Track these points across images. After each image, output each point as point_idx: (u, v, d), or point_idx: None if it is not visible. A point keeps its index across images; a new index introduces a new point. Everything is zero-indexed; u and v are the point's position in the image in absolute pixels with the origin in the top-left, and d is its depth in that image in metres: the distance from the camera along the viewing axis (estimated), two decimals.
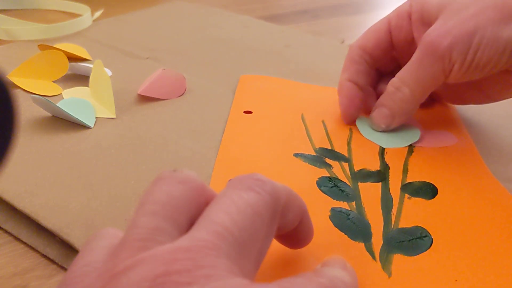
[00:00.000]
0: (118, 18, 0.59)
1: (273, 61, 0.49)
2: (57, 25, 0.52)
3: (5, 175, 0.29)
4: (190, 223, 0.18)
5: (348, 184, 0.30)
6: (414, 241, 0.26)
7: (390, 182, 0.31)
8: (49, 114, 0.36)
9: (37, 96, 0.35)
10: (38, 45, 0.46)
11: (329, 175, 0.31)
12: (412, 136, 0.35)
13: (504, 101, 0.45)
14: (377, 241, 0.26)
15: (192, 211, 0.18)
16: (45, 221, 0.26)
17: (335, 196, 0.29)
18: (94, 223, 0.26)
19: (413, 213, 0.28)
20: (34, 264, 0.25)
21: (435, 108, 0.41)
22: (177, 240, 0.16)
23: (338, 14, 0.70)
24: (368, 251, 0.25)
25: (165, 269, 0.15)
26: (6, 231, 0.27)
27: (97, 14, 0.59)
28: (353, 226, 0.27)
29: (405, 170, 0.32)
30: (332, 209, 0.28)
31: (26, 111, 0.36)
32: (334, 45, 0.55)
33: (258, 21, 0.62)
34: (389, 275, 0.24)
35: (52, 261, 0.25)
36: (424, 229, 0.27)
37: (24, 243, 0.26)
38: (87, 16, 0.56)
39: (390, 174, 0.31)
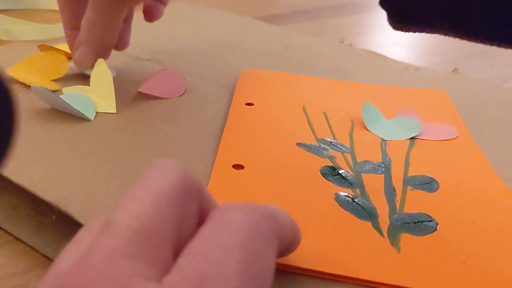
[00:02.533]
0: None
1: (272, 62, 0.49)
2: (57, 25, 0.52)
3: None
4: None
5: (352, 174, 0.30)
6: (419, 223, 0.26)
7: (392, 174, 0.31)
8: (49, 107, 0.36)
9: (38, 86, 0.35)
10: (38, 45, 0.46)
11: (332, 165, 0.31)
12: (413, 129, 0.36)
13: (504, 101, 0.45)
14: (384, 221, 0.26)
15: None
16: (43, 194, 0.26)
17: (339, 183, 0.29)
18: (94, 196, 0.26)
19: (416, 202, 0.28)
20: (34, 264, 0.25)
21: (436, 102, 0.41)
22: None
23: (338, 14, 0.70)
24: (375, 229, 0.26)
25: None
26: (6, 231, 0.27)
27: None
28: (359, 208, 0.27)
29: (407, 163, 0.32)
30: (337, 193, 0.28)
31: (25, 103, 0.36)
32: (334, 45, 0.55)
33: (258, 22, 0.62)
34: (398, 250, 0.24)
35: (52, 261, 0.25)
36: (429, 215, 0.27)
37: (24, 243, 0.26)
38: None
39: (392, 166, 0.32)
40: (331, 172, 0.30)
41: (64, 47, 0.47)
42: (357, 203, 0.27)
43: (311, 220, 0.26)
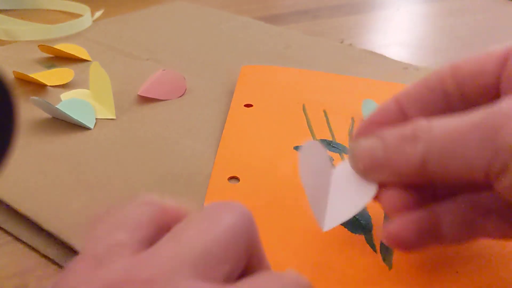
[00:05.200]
0: (118, 19, 0.59)
1: (273, 62, 0.49)
2: (57, 25, 0.52)
3: (5, 177, 0.29)
4: (151, 242, 0.17)
5: None
6: None
7: None
8: (49, 116, 0.36)
9: (37, 98, 0.35)
10: (38, 45, 0.46)
11: None
12: None
13: None
14: (378, 232, 0.26)
15: (153, 229, 0.18)
16: (45, 224, 0.26)
17: None
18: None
19: None
20: (34, 264, 0.25)
21: None
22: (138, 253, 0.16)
23: (338, 14, 0.70)
24: (368, 243, 0.25)
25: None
26: (6, 231, 0.27)
27: (97, 14, 0.59)
28: (353, 219, 0.27)
29: None
30: None
31: (26, 112, 0.36)
32: (334, 45, 0.55)
33: (258, 22, 0.62)
34: (390, 267, 0.24)
35: (52, 261, 0.25)
36: None
37: (24, 243, 0.26)
38: (87, 17, 0.56)
39: None
40: None
41: (64, 47, 0.47)
42: None
43: (304, 238, 0.25)
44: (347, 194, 0.22)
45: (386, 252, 0.25)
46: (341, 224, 0.26)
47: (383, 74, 0.47)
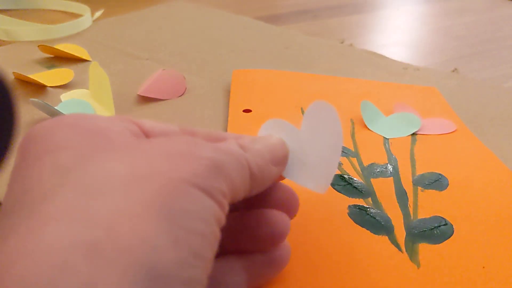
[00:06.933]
0: (118, 18, 0.59)
1: (273, 63, 0.49)
2: (57, 25, 0.52)
3: (4, 179, 0.29)
4: None
5: (361, 180, 0.30)
6: (436, 229, 0.26)
7: (400, 175, 0.30)
8: (49, 117, 0.36)
9: (36, 99, 0.35)
10: (38, 46, 0.46)
11: (340, 173, 0.31)
12: (413, 125, 0.36)
13: (504, 101, 0.44)
14: (400, 233, 0.26)
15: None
16: None
17: (350, 194, 0.29)
18: None
19: (429, 204, 0.28)
20: None
21: (427, 98, 0.41)
22: None
23: (338, 14, 0.70)
24: (393, 243, 0.25)
25: None
26: None
27: (97, 14, 0.59)
28: (374, 221, 0.26)
29: (413, 161, 0.32)
30: (350, 207, 0.28)
31: (26, 113, 0.36)
32: (334, 45, 0.55)
33: (258, 22, 0.62)
34: (418, 265, 0.24)
35: None
36: (444, 218, 0.27)
37: None
38: (87, 17, 0.56)
39: (399, 167, 0.31)
40: (341, 182, 0.30)
41: (64, 47, 0.47)
42: (371, 216, 0.27)
43: (328, 242, 0.25)
44: (320, 147, 0.22)
45: (411, 251, 0.25)
46: (363, 227, 0.26)
47: (383, 74, 0.47)
